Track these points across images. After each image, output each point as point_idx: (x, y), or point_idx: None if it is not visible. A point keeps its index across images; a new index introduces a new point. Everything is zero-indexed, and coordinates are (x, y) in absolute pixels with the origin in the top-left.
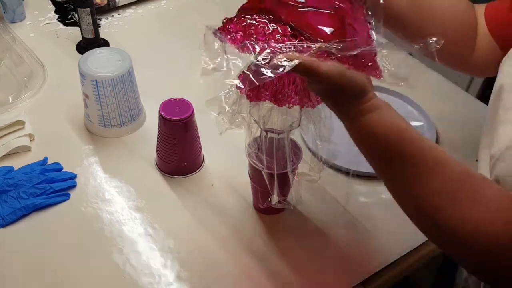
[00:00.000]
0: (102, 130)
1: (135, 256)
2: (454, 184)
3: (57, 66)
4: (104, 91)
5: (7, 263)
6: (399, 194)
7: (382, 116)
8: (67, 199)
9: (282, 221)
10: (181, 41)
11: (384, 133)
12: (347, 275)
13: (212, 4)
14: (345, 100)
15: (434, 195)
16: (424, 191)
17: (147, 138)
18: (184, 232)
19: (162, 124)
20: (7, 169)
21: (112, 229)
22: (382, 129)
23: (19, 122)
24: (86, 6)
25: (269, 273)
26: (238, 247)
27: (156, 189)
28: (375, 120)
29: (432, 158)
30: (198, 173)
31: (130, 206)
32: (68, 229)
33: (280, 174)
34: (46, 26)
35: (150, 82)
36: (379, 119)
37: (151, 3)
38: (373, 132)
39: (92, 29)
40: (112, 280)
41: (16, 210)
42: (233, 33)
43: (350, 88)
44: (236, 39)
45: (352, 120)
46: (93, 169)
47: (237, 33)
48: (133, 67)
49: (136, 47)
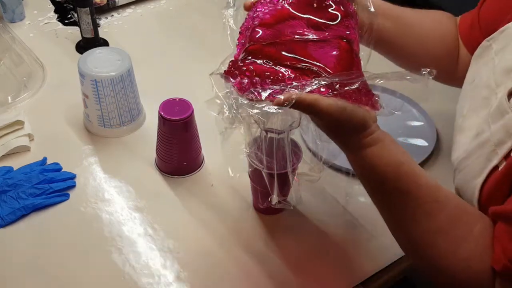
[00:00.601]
0: (102, 130)
1: (134, 256)
2: (448, 222)
3: (57, 66)
4: (104, 91)
5: (7, 263)
6: (394, 227)
7: (383, 151)
8: (66, 199)
9: (282, 221)
10: (181, 41)
11: (383, 167)
12: (347, 275)
13: (212, 4)
14: (346, 134)
15: (428, 232)
16: (418, 228)
17: (147, 138)
18: (184, 232)
19: (162, 124)
20: (7, 169)
21: (111, 229)
22: (381, 163)
23: (19, 122)
24: (86, 5)
25: (269, 273)
26: (238, 247)
27: (156, 189)
28: (375, 154)
29: (428, 195)
30: (198, 173)
31: (130, 206)
32: (67, 229)
33: (280, 174)
34: (46, 25)
35: (150, 82)
36: (379, 153)
37: (150, 3)
38: (372, 165)
39: (92, 29)
40: (112, 280)
41: (15, 210)
42: (239, 77)
43: (350, 123)
44: (242, 86)
45: (353, 153)
46: (93, 169)
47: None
48: (132, 67)
49: (136, 47)
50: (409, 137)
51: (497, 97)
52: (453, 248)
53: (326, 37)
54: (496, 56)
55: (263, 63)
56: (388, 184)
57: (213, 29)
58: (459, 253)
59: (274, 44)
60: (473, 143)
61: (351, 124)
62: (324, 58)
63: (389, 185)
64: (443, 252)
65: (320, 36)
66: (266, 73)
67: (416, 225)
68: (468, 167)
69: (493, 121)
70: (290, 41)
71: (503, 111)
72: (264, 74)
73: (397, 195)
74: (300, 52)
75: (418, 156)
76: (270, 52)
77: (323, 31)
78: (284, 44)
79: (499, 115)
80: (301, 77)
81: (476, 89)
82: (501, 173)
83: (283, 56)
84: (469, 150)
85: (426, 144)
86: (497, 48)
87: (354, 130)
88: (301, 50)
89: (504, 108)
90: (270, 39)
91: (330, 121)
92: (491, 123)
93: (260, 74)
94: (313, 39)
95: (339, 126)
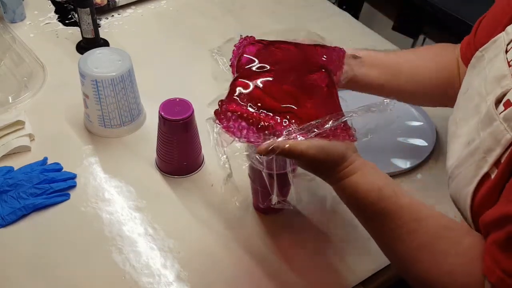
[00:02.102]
0: (102, 130)
1: (135, 256)
2: (431, 239)
3: (57, 66)
4: (104, 91)
5: (7, 263)
6: (381, 246)
7: (363, 178)
8: (67, 199)
9: (282, 221)
10: (181, 41)
11: (364, 194)
12: (347, 275)
13: (212, 4)
14: (326, 169)
15: (413, 250)
16: (404, 246)
17: (147, 138)
18: (184, 232)
19: (162, 124)
20: (7, 169)
21: (112, 229)
22: (362, 190)
23: (19, 122)
24: (86, 6)
25: (269, 273)
26: (238, 247)
27: (156, 189)
28: (356, 182)
29: (410, 214)
30: (198, 173)
31: (130, 206)
32: (68, 229)
33: (280, 174)
34: (46, 26)
35: (150, 82)
36: (360, 181)
37: (151, 3)
38: (354, 193)
39: (92, 29)
40: (112, 279)
41: (16, 210)
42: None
43: (329, 159)
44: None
45: (336, 184)
46: (93, 169)
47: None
48: (133, 67)
49: (136, 47)
50: (409, 137)
51: (486, 104)
52: (436, 262)
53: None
54: (487, 65)
55: (248, 106)
56: (371, 209)
57: (213, 29)
58: (444, 267)
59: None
60: (465, 151)
61: (330, 160)
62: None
63: (372, 210)
64: (427, 267)
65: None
66: (250, 120)
67: (400, 243)
68: (461, 174)
69: (482, 128)
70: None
71: (491, 119)
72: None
73: (380, 218)
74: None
75: (417, 156)
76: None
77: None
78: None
79: (488, 122)
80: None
81: (468, 98)
82: (493, 182)
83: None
84: (461, 158)
85: (426, 144)
86: (489, 58)
87: (333, 164)
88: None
89: (492, 115)
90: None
91: (309, 161)
92: (481, 130)
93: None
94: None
95: (318, 165)
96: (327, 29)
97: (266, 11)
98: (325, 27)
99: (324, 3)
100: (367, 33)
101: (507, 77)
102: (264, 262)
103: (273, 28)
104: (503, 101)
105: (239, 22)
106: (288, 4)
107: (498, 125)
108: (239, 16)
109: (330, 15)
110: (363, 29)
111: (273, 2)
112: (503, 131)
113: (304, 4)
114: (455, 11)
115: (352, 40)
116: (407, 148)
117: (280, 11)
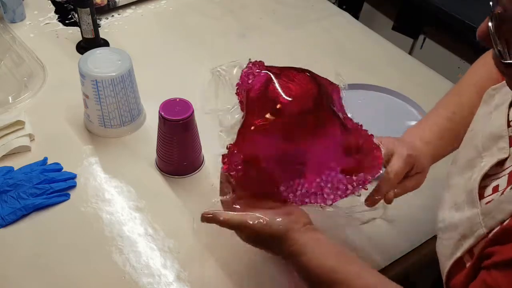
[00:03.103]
0: (102, 130)
1: (135, 256)
2: None
3: (57, 66)
4: (104, 91)
5: (8, 263)
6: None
7: (312, 261)
8: (67, 199)
9: None
10: (181, 41)
11: (315, 277)
12: None
13: (212, 4)
14: (269, 245)
15: None
16: None
17: (147, 138)
18: (184, 232)
19: (162, 124)
20: (7, 169)
21: (112, 229)
22: (313, 273)
23: (19, 122)
24: (86, 6)
25: (269, 273)
26: (238, 247)
27: (156, 189)
28: (305, 265)
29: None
30: (198, 173)
31: (130, 206)
32: (68, 229)
33: None
34: (46, 26)
35: (150, 82)
36: (309, 264)
37: (151, 3)
38: (306, 274)
39: (92, 29)
40: (112, 280)
41: (16, 210)
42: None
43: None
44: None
45: (287, 260)
46: (93, 169)
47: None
48: (133, 67)
49: (136, 47)
50: None
51: (480, 165)
52: None
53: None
54: (494, 112)
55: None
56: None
57: (213, 29)
58: None
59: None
60: (450, 215)
61: (268, 235)
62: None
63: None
64: None
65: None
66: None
67: None
68: (443, 242)
69: (466, 202)
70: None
71: (473, 202)
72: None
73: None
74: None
75: None
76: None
77: None
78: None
79: (470, 202)
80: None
81: (470, 144)
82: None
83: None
84: (446, 222)
85: None
86: (496, 103)
87: (274, 240)
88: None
89: (474, 200)
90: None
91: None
92: (465, 203)
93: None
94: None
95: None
96: (327, 29)
97: (266, 11)
98: (325, 27)
99: (324, 3)
100: (367, 33)
101: (504, 138)
102: (265, 261)
103: (273, 28)
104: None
105: (239, 22)
106: (288, 4)
107: (476, 215)
108: (239, 16)
109: (330, 15)
110: (363, 29)
111: (273, 2)
112: (478, 224)
113: (304, 4)
114: (455, 11)
115: (352, 40)
116: None
117: (280, 11)
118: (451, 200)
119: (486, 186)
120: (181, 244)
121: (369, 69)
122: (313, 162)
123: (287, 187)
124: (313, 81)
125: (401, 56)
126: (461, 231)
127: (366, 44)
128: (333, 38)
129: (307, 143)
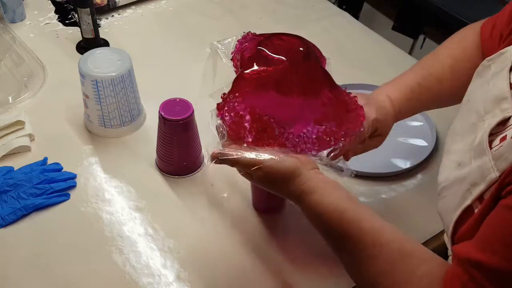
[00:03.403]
0: (102, 130)
1: (135, 256)
2: (390, 265)
3: (57, 66)
4: (104, 91)
5: (8, 263)
6: (345, 266)
7: (324, 198)
8: (67, 199)
9: (282, 221)
10: (181, 41)
11: (326, 215)
12: (347, 275)
13: (212, 4)
14: (281, 182)
15: (372, 274)
16: (363, 269)
17: (147, 138)
18: (184, 232)
19: (162, 124)
20: (7, 169)
21: (112, 229)
22: (324, 211)
23: (19, 122)
24: (86, 6)
25: (269, 273)
26: (238, 247)
27: (156, 189)
28: (316, 203)
29: (370, 239)
30: (198, 173)
31: (130, 206)
32: (68, 229)
33: None
34: (46, 26)
35: (150, 82)
36: (321, 201)
37: (151, 3)
38: (316, 213)
39: (92, 29)
40: (112, 280)
41: (16, 210)
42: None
43: (281, 171)
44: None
45: (297, 201)
46: (93, 169)
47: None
48: (133, 67)
49: (136, 47)
50: (409, 137)
51: (483, 126)
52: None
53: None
54: (492, 79)
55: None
56: (332, 230)
57: (213, 29)
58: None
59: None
60: (454, 173)
61: (282, 172)
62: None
63: (333, 231)
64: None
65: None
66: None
67: (360, 267)
68: (447, 198)
69: (474, 157)
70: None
71: (482, 152)
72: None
73: (341, 240)
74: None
75: (418, 156)
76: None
77: None
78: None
79: (479, 153)
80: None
81: (468, 112)
82: (475, 218)
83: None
84: (450, 179)
85: (426, 144)
86: (494, 71)
87: (287, 178)
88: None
89: (483, 149)
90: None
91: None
92: (472, 158)
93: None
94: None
95: (272, 178)
96: (327, 29)
97: (266, 11)
98: (325, 27)
99: (324, 3)
100: (367, 33)
101: (507, 100)
102: (264, 262)
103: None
104: (500, 135)
105: (239, 22)
106: (288, 4)
107: (487, 161)
108: (239, 16)
109: (330, 15)
110: (363, 29)
111: (273, 2)
112: (490, 169)
113: (304, 4)
114: (455, 11)
115: (352, 40)
116: (407, 148)
117: (280, 11)
118: (454, 161)
119: (492, 141)
120: (181, 244)
121: (369, 69)
122: (302, 113)
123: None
124: (304, 41)
125: (401, 56)
126: (470, 181)
127: (366, 44)
128: (333, 38)
129: (298, 94)
